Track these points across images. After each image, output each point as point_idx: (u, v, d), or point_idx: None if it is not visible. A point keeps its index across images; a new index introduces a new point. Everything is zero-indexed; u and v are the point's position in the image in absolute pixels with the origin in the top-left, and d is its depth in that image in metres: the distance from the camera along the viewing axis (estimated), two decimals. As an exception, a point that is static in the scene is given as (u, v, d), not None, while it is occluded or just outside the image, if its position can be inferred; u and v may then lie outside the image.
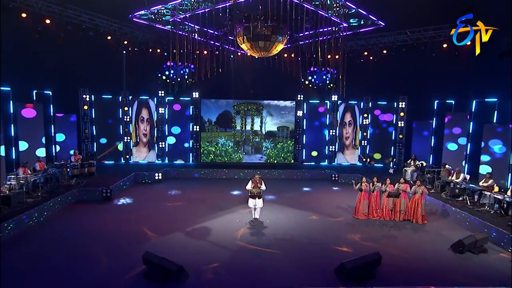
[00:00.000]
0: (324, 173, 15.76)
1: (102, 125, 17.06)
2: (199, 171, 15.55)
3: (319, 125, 17.83)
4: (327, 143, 17.75)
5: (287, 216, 10.39)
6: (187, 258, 7.43)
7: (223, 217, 10.18)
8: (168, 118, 17.35)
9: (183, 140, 17.28)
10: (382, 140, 17.64)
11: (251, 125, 17.50)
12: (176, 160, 17.09)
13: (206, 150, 17.47)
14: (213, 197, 11.99)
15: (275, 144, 17.57)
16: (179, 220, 9.82)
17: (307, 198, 12.29)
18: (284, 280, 6.81)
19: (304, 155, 17.71)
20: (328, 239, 8.74)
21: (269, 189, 12.37)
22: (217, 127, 17.37)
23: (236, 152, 17.56)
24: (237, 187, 12.99)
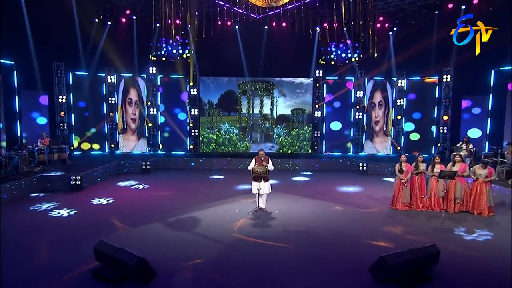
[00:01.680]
0: (349, 163, 14.53)
1: (81, 108, 15.99)
2: (197, 161, 14.62)
3: (342, 107, 16.65)
4: (352, 129, 16.54)
5: (302, 206, 9.14)
6: (162, 252, 6.16)
7: (218, 207, 9.00)
8: (161, 100, 16.68)
9: (178, 127, 16.45)
10: (422, 124, 16.25)
11: (260, 108, 16.50)
12: (171, 150, 16.42)
13: (206, 138, 16.52)
14: (209, 187, 11.14)
15: (288, 130, 16.53)
16: (161, 210, 8.69)
17: (329, 188, 11.18)
18: (295, 281, 5.27)
19: (324, 144, 16.64)
20: (358, 232, 7.32)
21: (280, 178, 11.76)
22: (219, 111, 16.45)
23: (242, 140, 16.55)
24: (242, 178, 11.89)
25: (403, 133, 16.38)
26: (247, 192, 10.05)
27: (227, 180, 12.17)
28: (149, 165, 13.67)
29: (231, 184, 11.50)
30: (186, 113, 16.29)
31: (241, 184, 11.50)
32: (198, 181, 12.01)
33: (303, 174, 13.47)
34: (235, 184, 11.51)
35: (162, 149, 16.38)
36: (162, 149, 16.38)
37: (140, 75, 16.21)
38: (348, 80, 16.53)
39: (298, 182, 12.04)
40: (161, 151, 16.37)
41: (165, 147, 16.53)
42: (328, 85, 16.61)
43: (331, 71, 16.26)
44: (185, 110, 16.37)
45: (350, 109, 16.62)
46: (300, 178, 12.80)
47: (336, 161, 14.74)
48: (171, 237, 6.98)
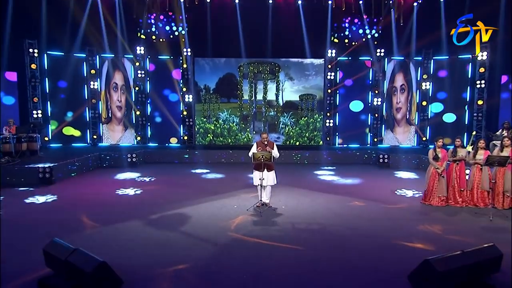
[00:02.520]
0: (367, 156, 13.88)
1: (60, 89, 15.07)
2: (192, 154, 13.99)
3: (359, 92, 15.85)
4: (370, 117, 15.85)
5: (315, 201, 8.29)
6: (135, 256, 5.26)
7: (213, 202, 8.17)
8: (150, 85, 15.94)
9: (171, 115, 15.85)
10: (451, 109, 15.43)
11: (264, 93, 15.85)
12: (163, 142, 15.84)
13: (202, 129, 15.89)
14: (204, 182, 10.51)
15: (296, 119, 15.88)
16: (144, 206, 7.87)
17: (344, 181, 10.50)
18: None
19: (338, 135, 15.97)
20: (386, 232, 6.39)
21: (289, 172, 11.18)
22: (217, 97, 15.78)
23: (244, 130, 15.90)
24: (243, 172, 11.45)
25: (430, 120, 15.63)
26: (248, 186, 9.38)
27: (226, 173, 11.56)
28: (136, 158, 12.83)
29: (230, 178, 10.90)
30: (179, 100, 15.73)
31: (241, 177, 10.78)
32: (192, 175, 11.40)
33: (313, 169, 12.65)
34: (234, 177, 10.90)
35: (152, 141, 15.77)
36: (153, 141, 15.78)
37: (126, 56, 15.39)
38: (365, 60, 15.74)
39: (308, 176, 11.39)
40: (152, 143, 15.74)
41: (156, 139, 15.91)
42: (342, 66, 15.83)
43: (345, 50, 15.45)
44: (178, 96, 15.67)
45: (368, 94, 15.88)
46: (311, 172, 12.10)
47: (352, 153, 14.10)
48: (149, 238, 6.07)
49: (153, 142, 15.83)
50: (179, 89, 15.68)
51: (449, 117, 15.52)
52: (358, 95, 15.89)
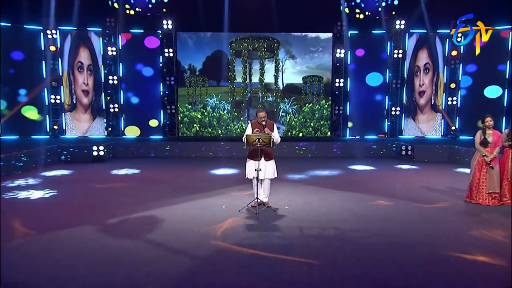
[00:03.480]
0: (386, 149, 13.32)
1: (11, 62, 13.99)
2: (174, 146, 13.35)
3: (373, 71, 15.20)
4: (387, 101, 15.23)
5: (327, 200, 7.39)
6: (77, 277, 4.16)
7: (195, 202, 7.22)
8: (123, 64, 15.02)
9: (148, 102, 15.13)
10: (487, 90, 14.72)
11: (260, 75, 15.21)
12: (141, 134, 15.09)
13: (187, 117, 15.24)
14: (187, 177, 9.72)
15: (299, 105, 15.32)
16: (103, 207, 6.88)
17: (363, 178, 9.77)
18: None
19: (347, 124, 15.37)
20: (430, 238, 5.33)
21: (291, 166, 10.69)
22: (204, 79, 15.13)
23: (236, 119, 15.34)
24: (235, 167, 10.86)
25: (460, 106, 14.88)
26: (241, 181, 8.44)
27: (214, 169, 10.89)
28: (104, 151, 11.93)
29: (220, 174, 10.25)
30: (159, 83, 14.95)
31: (233, 173, 10.05)
32: (172, 171, 10.63)
33: (322, 163, 12.06)
34: (225, 173, 10.29)
35: (126, 132, 15.02)
36: (127, 132, 15.04)
37: (94, 30, 14.62)
38: (382, 34, 14.91)
39: (317, 171, 10.70)
40: (127, 135, 14.97)
41: (131, 130, 15.15)
42: (354, 41, 15.09)
43: (357, 22, 14.62)
44: (157, 78, 15.01)
45: (385, 73, 15.15)
46: (319, 166, 11.40)
47: (367, 146, 13.45)
48: (101, 250, 4.94)
49: (128, 133, 15.06)
50: (158, 68, 14.90)
51: (492, 91, 14.59)
52: (374, 77, 15.24)
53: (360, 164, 11.62)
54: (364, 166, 11.33)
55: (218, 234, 5.47)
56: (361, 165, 11.54)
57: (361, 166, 11.40)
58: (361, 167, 11.24)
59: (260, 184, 6.64)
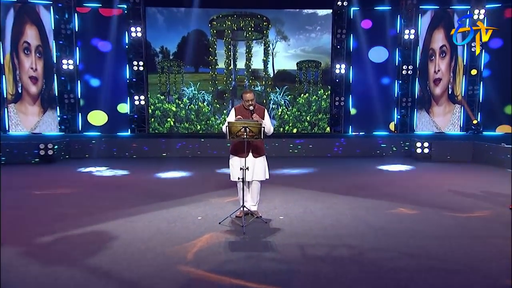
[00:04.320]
0: (396, 148, 13.07)
1: None
2: (142, 143, 12.95)
3: (380, 56, 14.81)
4: (396, 86, 14.93)
5: (333, 208, 6.69)
6: None
7: (163, 211, 6.44)
8: (80, 46, 14.38)
9: (114, 87, 14.50)
10: None
11: (247, 60, 14.92)
12: (105, 130, 14.54)
13: (159, 110, 14.80)
14: (157, 182, 9.20)
15: (293, 96, 15.05)
16: (40, 220, 6.01)
17: (374, 180, 9.18)
18: None
19: (350, 119, 15.05)
20: (479, 260, 4.50)
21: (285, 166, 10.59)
22: (179, 65, 14.80)
23: (219, 112, 14.96)
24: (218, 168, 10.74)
25: (481, 97, 14.63)
26: (223, 185, 8.00)
27: (191, 171, 10.44)
28: (54, 151, 11.29)
29: (197, 177, 9.68)
30: (125, 70, 14.46)
31: (214, 177, 9.62)
32: (138, 174, 10.05)
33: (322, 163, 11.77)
34: (203, 176, 9.73)
35: (88, 128, 14.44)
36: (89, 128, 14.45)
37: (43, 3, 14.00)
38: (388, 11, 14.67)
39: (317, 173, 10.33)
40: (88, 131, 14.37)
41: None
42: (358, 19, 14.71)
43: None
44: (122, 63, 14.40)
45: (394, 53, 14.78)
46: (320, 166, 11.15)
47: (375, 144, 13.20)
48: (16, 282, 3.95)
49: (89, 130, 14.49)
50: (124, 49, 14.36)
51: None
52: (379, 64, 14.90)
53: (368, 165, 11.23)
54: (373, 167, 10.90)
55: (189, 256, 4.53)
56: (369, 165, 11.14)
57: (370, 167, 10.98)
58: (370, 168, 10.80)
59: (247, 188, 5.97)
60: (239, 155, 5.74)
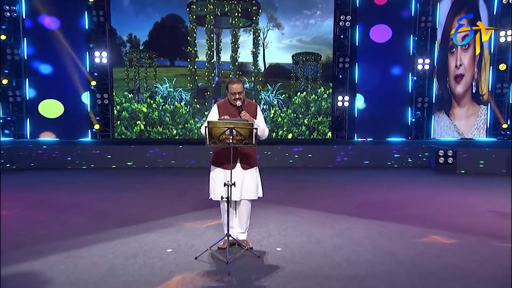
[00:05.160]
0: (413, 157, 13.03)
1: None
2: (104, 151, 12.82)
3: (390, 48, 14.55)
4: (410, 92, 14.77)
5: (348, 235, 6.24)
6: None
7: (122, 241, 5.94)
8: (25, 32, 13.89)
9: (69, 89, 14.10)
10: None
11: (233, 52, 14.67)
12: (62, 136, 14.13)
13: (126, 111, 14.47)
14: (115, 199, 8.87)
15: (288, 95, 14.88)
16: None
17: (392, 198, 8.94)
18: None
19: (356, 123, 14.81)
20: None
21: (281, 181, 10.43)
22: (151, 57, 14.50)
23: (199, 114, 14.69)
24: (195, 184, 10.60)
25: None
26: (201, 204, 7.64)
27: (162, 186, 10.34)
28: None
29: (169, 194, 9.37)
30: (85, 62, 14.06)
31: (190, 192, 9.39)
32: (96, 188, 9.83)
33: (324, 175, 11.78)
34: (177, 192, 9.50)
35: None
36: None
37: None
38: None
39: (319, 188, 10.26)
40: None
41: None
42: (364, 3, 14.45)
43: None
44: (82, 55, 14.00)
45: (407, 47, 14.49)
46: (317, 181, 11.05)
47: (386, 152, 13.17)
48: None
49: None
50: (83, 37, 13.94)
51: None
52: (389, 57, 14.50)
53: (381, 178, 11.16)
54: (388, 181, 10.78)
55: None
56: (382, 179, 11.08)
57: (383, 180, 10.92)
58: (383, 182, 10.69)
59: (233, 210, 5.47)
60: (223, 166, 5.29)
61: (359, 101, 14.57)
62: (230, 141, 4.87)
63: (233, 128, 4.80)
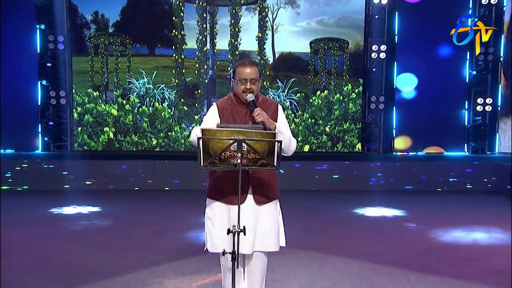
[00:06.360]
0: (473, 180, 12.89)
1: None
2: (60, 167, 12.77)
3: (439, 38, 14.18)
4: (465, 93, 14.41)
5: None
6: None
7: None
8: None
9: (12, 84, 13.76)
10: None
11: (232, 38, 14.28)
12: None
13: (90, 115, 14.14)
14: (66, 240, 8.56)
15: (304, 94, 14.53)
16: None
17: (457, 240, 8.76)
18: None
19: (394, 131, 14.48)
20: None
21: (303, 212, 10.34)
22: (125, 43, 14.24)
23: (187, 119, 14.45)
24: None
25: None
26: (190, 252, 7.41)
27: (134, 216, 10.13)
28: None
29: (142, 231, 9.00)
30: (34, 48, 13.74)
31: (175, 227, 9.21)
32: (39, 223, 9.42)
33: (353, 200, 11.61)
34: (155, 227, 9.18)
35: None
36: None
37: None
38: None
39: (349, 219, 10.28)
40: None
41: None
42: None
43: None
44: (31, 36, 13.73)
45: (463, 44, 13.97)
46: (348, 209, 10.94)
47: (436, 170, 13.02)
48: None
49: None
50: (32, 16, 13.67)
51: None
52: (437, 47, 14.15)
53: (435, 207, 10.87)
54: (449, 214, 10.28)
55: None
56: (438, 209, 10.74)
57: (442, 213, 10.47)
58: (443, 215, 10.21)
59: (241, 268, 4.83)
60: (226, 200, 4.64)
61: (399, 102, 14.28)
62: (238, 160, 4.10)
63: (244, 141, 4.02)
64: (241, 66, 4.62)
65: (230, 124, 4.43)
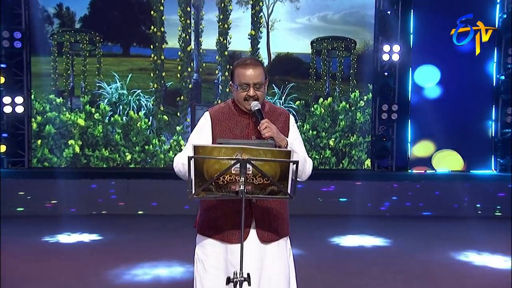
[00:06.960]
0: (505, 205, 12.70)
1: None
2: (18, 187, 12.57)
3: None
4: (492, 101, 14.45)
5: None
6: None
7: None
8: None
9: None
10: None
11: (220, 36, 14.28)
12: None
13: (53, 125, 14.01)
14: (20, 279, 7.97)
15: (305, 102, 14.58)
16: None
17: None
18: None
19: (408, 145, 14.48)
20: None
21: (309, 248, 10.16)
22: (94, 42, 14.13)
23: (167, 130, 14.40)
24: None
25: None
26: None
27: (103, 253, 9.57)
28: None
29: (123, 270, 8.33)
30: None
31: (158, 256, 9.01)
32: None
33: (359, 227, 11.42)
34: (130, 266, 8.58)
35: None
36: None
37: None
38: None
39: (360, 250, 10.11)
40: None
41: None
42: None
43: None
44: None
45: None
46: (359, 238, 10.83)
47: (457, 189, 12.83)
48: None
49: None
50: None
51: None
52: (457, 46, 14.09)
53: (467, 239, 10.39)
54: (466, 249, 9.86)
55: None
56: (471, 243, 10.18)
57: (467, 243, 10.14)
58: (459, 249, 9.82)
59: None
60: (223, 237, 4.34)
61: (415, 111, 14.03)
62: (240, 187, 3.66)
63: (249, 161, 3.58)
64: (242, 67, 4.32)
65: (231, 140, 4.12)
